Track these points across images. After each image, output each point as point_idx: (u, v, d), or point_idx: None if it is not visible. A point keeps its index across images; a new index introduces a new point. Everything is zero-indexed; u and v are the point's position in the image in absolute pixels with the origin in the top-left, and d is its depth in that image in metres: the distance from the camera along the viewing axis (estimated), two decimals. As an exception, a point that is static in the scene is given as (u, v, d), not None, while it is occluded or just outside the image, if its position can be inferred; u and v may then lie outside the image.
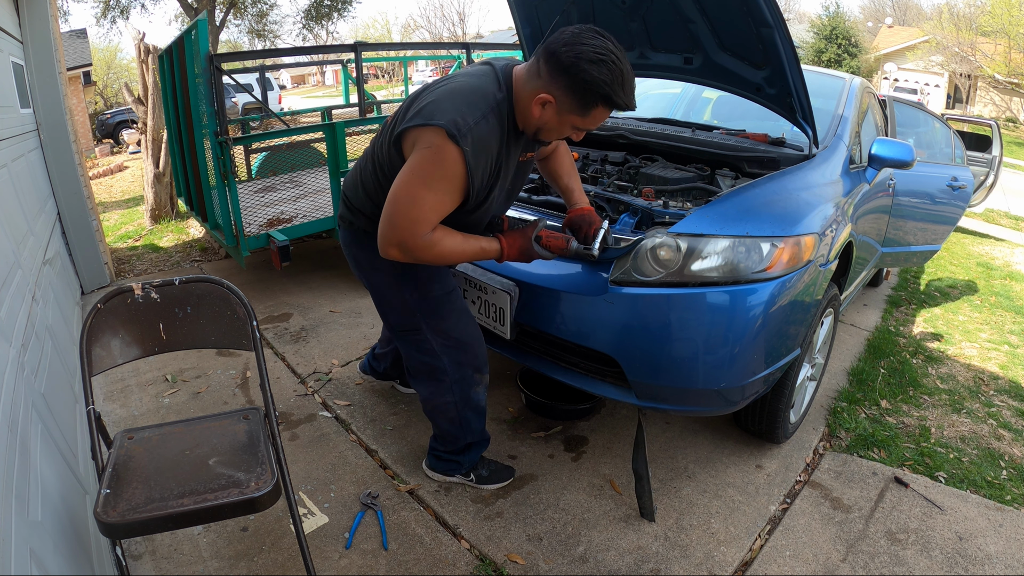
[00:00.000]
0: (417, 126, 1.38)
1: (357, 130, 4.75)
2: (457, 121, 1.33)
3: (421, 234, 1.40)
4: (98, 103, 19.41)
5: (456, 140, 1.32)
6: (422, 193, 1.37)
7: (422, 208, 1.38)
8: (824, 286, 1.97)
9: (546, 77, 1.37)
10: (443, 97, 1.39)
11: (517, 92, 1.44)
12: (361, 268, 1.73)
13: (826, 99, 2.61)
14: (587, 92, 1.35)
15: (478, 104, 1.38)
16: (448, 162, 1.35)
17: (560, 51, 1.34)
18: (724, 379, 1.72)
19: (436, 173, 1.36)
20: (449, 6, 67.58)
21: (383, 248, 1.44)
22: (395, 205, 1.39)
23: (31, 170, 3.15)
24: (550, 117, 1.42)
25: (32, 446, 1.44)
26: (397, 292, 1.70)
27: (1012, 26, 18.88)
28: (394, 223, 1.40)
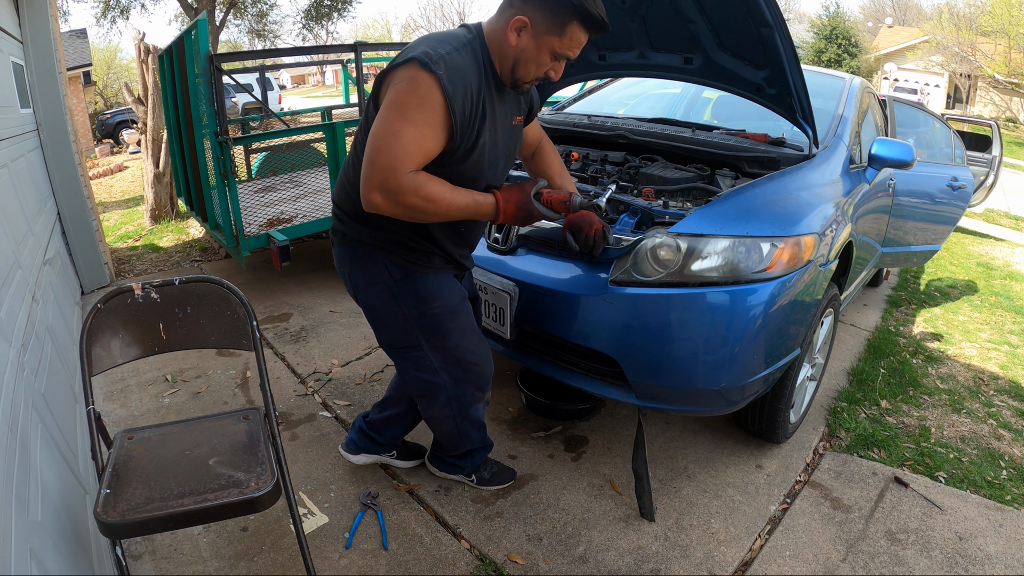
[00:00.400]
0: (391, 70, 1.34)
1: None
2: (428, 52, 1.30)
3: (404, 171, 1.30)
4: (98, 103, 19.41)
5: (429, 67, 1.27)
6: (400, 125, 1.28)
7: (401, 141, 1.28)
8: (824, 286, 1.97)
9: (518, 2, 1.36)
10: (414, 44, 1.36)
11: (490, 33, 1.41)
12: (357, 286, 1.63)
13: (826, 99, 2.61)
14: (561, 5, 1.32)
15: (448, 40, 1.36)
16: (423, 88, 1.28)
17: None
18: (724, 379, 1.72)
19: (412, 102, 1.28)
20: (449, 6, 67.49)
21: (365, 196, 1.33)
22: (374, 143, 1.30)
23: (31, 170, 3.15)
24: (527, 43, 1.37)
25: (32, 446, 1.44)
26: (395, 307, 1.59)
27: (1012, 26, 18.88)
28: (374, 162, 1.30)
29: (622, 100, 3.41)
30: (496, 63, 1.42)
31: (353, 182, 1.49)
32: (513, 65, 1.40)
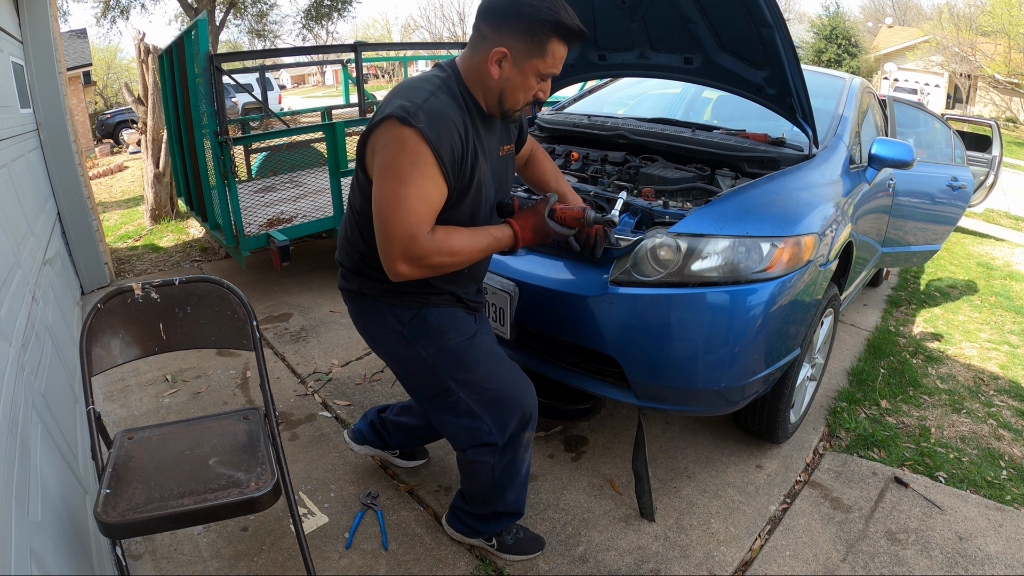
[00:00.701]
0: (370, 130, 1.30)
1: (357, 130, 4.75)
2: (403, 105, 1.25)
3: (422, 236, 1.26)
4: (98, 103, 19.41)
5: (408, 122, 1.23)
6: (402, 191, 1.24)
7: (408, 205, 1.25)
8: (824, 286, 1.97)
9: (491, 34, 1.31)
10: (389, 99, 1.32)
11: (466, 69, 1.36)
12: (374, 339, 1.56)
13: (826, 99, 2.61)
14: (536, 25, 1.27)
15: (421, 87, 1.31)
16: (409, 145, 1.24)
17: (495, 4, 1.29)
18: (724, 379, 1.72)
19: (404, 163, 1.24)
20: (449, 6, 67.56)
21: (391, 269, 1.29)
22: (381, 216, 1.27)
23: (31, 170, 3.15)
24: (510, 72, 1.32)
25: (32, 446, 1.44)
26: (412, 352, 1.49)
27: (1012, 26, 18.88)
28: (389, 234, 1.26)
29: (622, 100, 3.41)
30: (480, 98, 1.38)
31: (351, 240, 1.49)
32: (500, 97, 1.37)
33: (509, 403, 1.50)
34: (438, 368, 1.48)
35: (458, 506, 1.74)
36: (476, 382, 1.48)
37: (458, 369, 1.48)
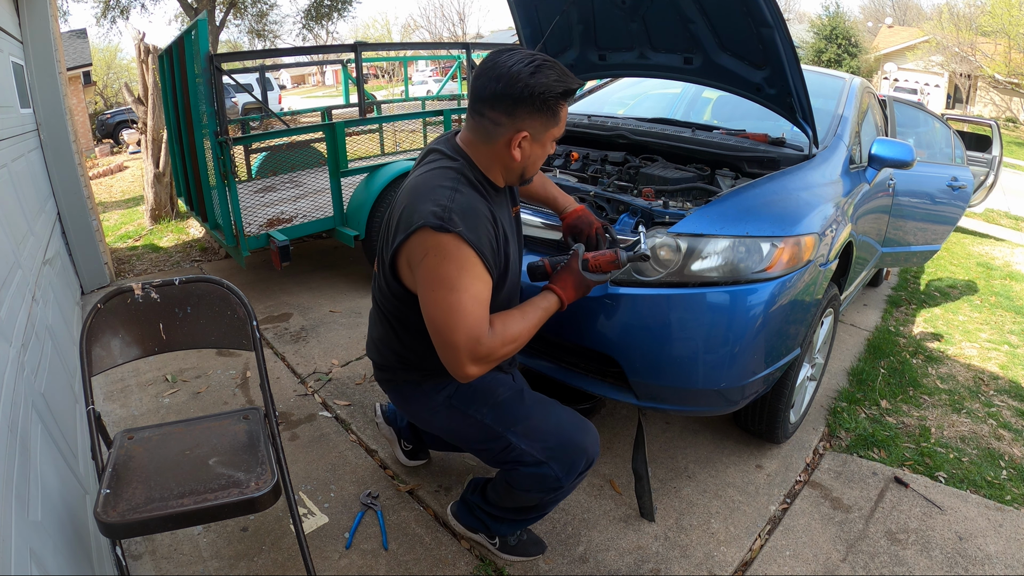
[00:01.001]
0: (403, 242, 1.28)
1: (357, 130, 4.75)
2: (434, 210, 1.22)
3: (484, 336, 1.24)
4: (98, 103, 19.41)
5: (445, 228, 1.21)
6: (454, 299, 1.22)
7: (465, 310, 1.22)
8: (824, 286, 1.97)
9: (506, 120, 1.29)
10: (410, 202, 1.29)
11: (482, 156, 1.36)
12: (426, 420, 1.57)
13: (826, 99, 2.61)
14: (550, 101, 1.29)
15: (441, 185, 1.29)
16: (452, 252, 1.22)
17: (500, 90, 1.26)
18: (724, 379, 1.72)
19: (450, 271, 1.22)
20: (449, 6, 67.59)
21: (460, 375, 1.26)
22: (439, 328, 1.24)
23: (31, 170, 3.15)
24: (531, 149, 1.34)
25: (32, 446, 1.44)
26: (466, 418, 1.49)
27: (1012, 26, 18.88)
28: (453, 344, 1.23)
29: (622, 100, 3.42)
30: (498, 178, 1.39)
31: (384, 339, 1.51)
32: (522, 172, 1.39)
33: (574, 447, 1.46)
34: (495, 425, 1.47)
35: (476, 503, 1.70)
36: (535, 428, 1.46)
37: (515, 420, 1.46)
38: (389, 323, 1.48)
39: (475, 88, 1.31)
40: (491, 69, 1.28)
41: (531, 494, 1.50)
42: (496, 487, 1.60)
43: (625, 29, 2.31)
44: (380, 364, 1.57)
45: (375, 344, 1.57)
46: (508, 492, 1.54)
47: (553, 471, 1.44)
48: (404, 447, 2.07)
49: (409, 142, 5.56)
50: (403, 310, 1.42)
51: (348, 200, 3.64)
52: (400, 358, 1.50)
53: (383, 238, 1.44)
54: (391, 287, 1.40)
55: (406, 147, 5.51)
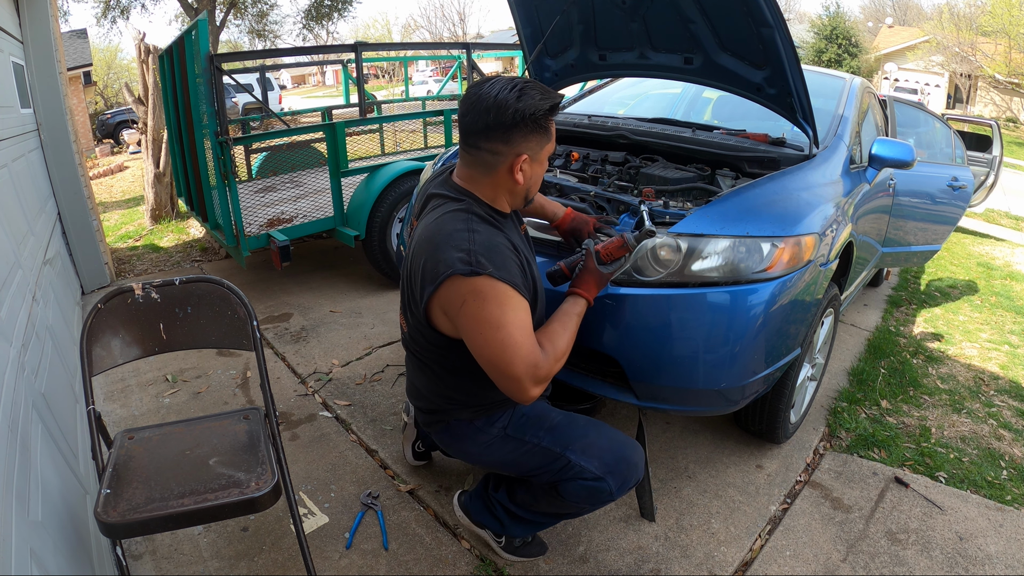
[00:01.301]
0: (433, 293, 1.28)
1: (357, 130, 4.75)
2: (459, 256, 1.24)
3: (539, 361, 1.27)
4: (98, 103, 19.40)
5: (476, 272, 1.22)
6: (502, 335, 1.23)
7: (516, 342, 1.24)
8: (824, 286, 1.97)
9: (503, 148, 1.31)
10: (430, 252, 1.29)
11: (484, 188, 1.37)
12: (477, 456, 1.57)
13: (826, 99, 2.61)
14: (540, 119, 1.31)
15: (456, 229, 1.29)
16: (489, 294, 1.23)
17: (492, 121, 1.28)
18: (725, 379, 1.72)
19: (492, 311, 1.23)
20: (449, 6, 67.60)
21: (525, 399, 1.28)
22: (495, 365, 1.26)
23: (31, 170, 3.15)
24: (532, 169, 1.37)
25: (32, 446, 1.44)
26: (523, 444, 1.50)
27: (1012, 26, 18.87)
28: (512, 376, 1.25)
29: (622, 100, 3.42)
30: (504, 205, 1.41)
31: (427, 385, 1.53)
32: (526, 193, 1.42)
33: (628, 464, 1.50)
34: (553, 446, 1.48)
35: (500, 501, 1.66)
36: (592, 445, 1.49)
37: (572, 439, 1.49)
38: (431, 369, 1.49)
39: (466, 124, 1.33)
40: (477, 103, 1.29)
41: (580, 505, 1.52)
42: (534, 491, 1.57)
43: (625, 29, 2.31)
44: (427, 408, 1.57)
45: (418, 391, 1.58)
46: (553, 499, 1.54)
47: (608, 486, 1.47)
48: (418, 448, 2.06)
49: (409, 142, 5.56)
50: (444, 355, 1.43)
51: (348, 200, 3.64)
52: (449, 399, 1.51)
53: (406, 291, 1.44)
54: (427, 337, 1.42)
55: (406, 147, 5.51)
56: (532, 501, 1.58)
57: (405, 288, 1.45)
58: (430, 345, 1.43)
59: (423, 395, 1.56)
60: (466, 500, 1.77)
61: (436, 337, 1.40)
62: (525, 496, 1.60)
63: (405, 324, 1.50)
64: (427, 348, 1.45)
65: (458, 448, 1.58)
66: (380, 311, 3.43)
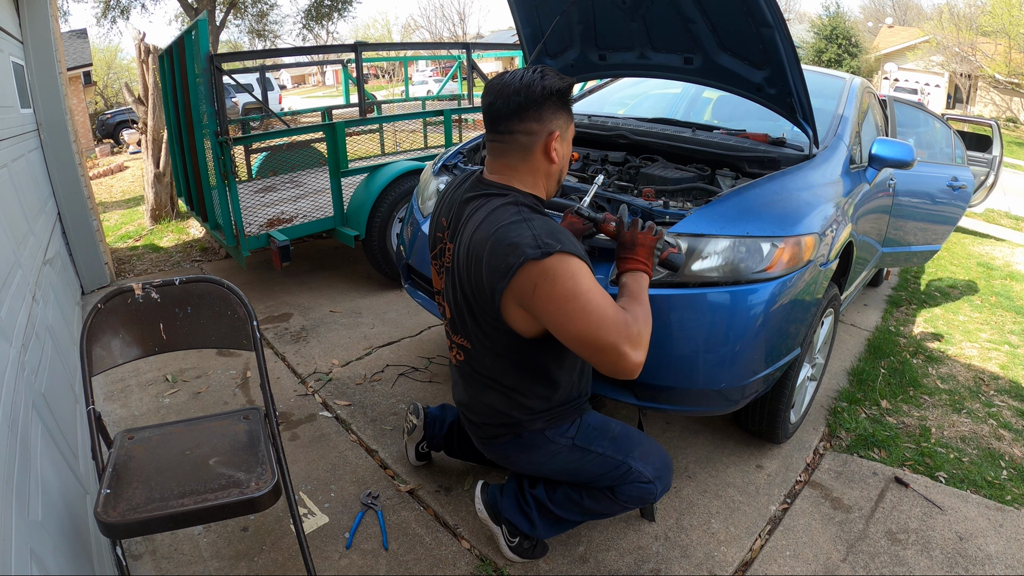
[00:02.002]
0: (506, 288, 1.27)
1: (357, 130, 4.74)
2: (526, 242, 1.24)
3: (625, 318, 1.25)
4: (98, 103, 19.40)
5: (547, 252, 1.22)
6: (584, 303, 1.22)
7: (601, 311, 1.23)
8: (825, 286, 1.97)
9: (536, 126, 1.34)
10: (490, 251, 1.29)
11: (524, 176, 1.39)
12: (543, 466, 1.57)
13: (826, 99, 2.61)
14: (566, 96, 1.37)
15: (510, 220, 1.29)
16: (560, 268, 1.23)
17: (524, 100, 1.32)
18: (724, 379, 1.72)
19: (567, 284, 1.22)
20: (449, 6, 67.61)
21: (630, 370, 1.25)
22: (586, 336, 1.23)
23: (31, 170, 3.15)
24: (562, 148, 1.40)
25: (32, 446, 1.44)
26: (589, 454, 1.53)
27: (1012, 26, 18.88)
28: (607, 344, 1.22)
29: (622, 100, 3.42)
30: (542, 191, 1.42)
31: (490, 402, 1.51)
32: (559, 176, 1.44)
33: (669, 468, 1.60)
34: (616, 455, 1.54)
35: (538, 498, 1.64)
36: (648, 452, 1.57)
37: (632, 447, 1.56)
38: (501, 383, 1.47)
39: (496, 110, 1.36)
40: (504, 88, 1.34)
41: (627, 504, 1.58)
42: (583, 490, 1.59)
43: (625, 29, 2.31)
44: (495, 423, 1.54)
45: (478, 410, 1.56)
46: (602, 499, 1.57)
47: (656, 488, 1.56)
48: (421, 449, 2.04)
49: (409, 142, 5.56)
50: (528, 356, 1.41)
51: (348, 200, 3.64)
52: (524, 409, 1.49)
53: (460, 305, 1.42)
54: (508, 341, 1.39)
55: (406, 147, 5.51)
56: (577, 499, 1.59)
57: (458, 302, 1.43)
58: (512, 351, 1.40)
59: (491, 413, 1.53)
60: (493, 495, 1.72)
61: (516, 341, 1.37)
62: (569, 494, 1.60)
63: (466, 342, 1.47)
64: (508, 356, 1.42)
65: (523, 458, 1.57)
66: (380, 311, 3.43)
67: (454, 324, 1.50)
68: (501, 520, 1.69)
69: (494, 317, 1.35)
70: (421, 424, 1.99)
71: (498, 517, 1.70)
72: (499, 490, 1.72)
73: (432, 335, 3.13)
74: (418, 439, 2.02)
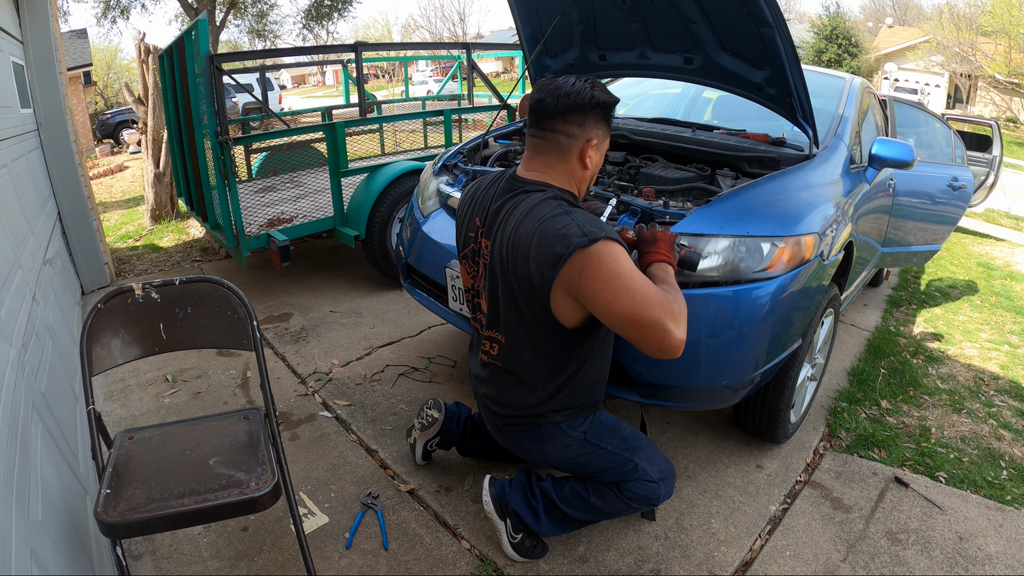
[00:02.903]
0: (556, 277, 1.32)
1: (357, 130, 4.74)
2: (573, 232, 1.30)
3: (666, 295, 1.31)
4: (98, 103, 19.40)
5: (593, 239, 1.28)
6: (627, 282, 1.28)
7: (643, 286, 1.29)
8: (825, 285, 1.97)
9: (577, 131, 1.41)
10: (537, 244, 1.34)
11: (556, 177, 1.44)
12: (554, 457, 1.61)
13: (826, 99, 2.61)
14: (609, 109, 1.44)
15: (553, 213, 1.35)
16: (603, 252, 1.29)
17: (572, 103, 1.38)
18: (726, 376, 1.72)
19: (611, 265, 1.28)
20: (449, 6, 67.62)
21: (675, 347, 1.29)
22: (631, 314, 1.28)
23: (31, 170, 3.15)
24: (596, 157, 1.46)
25: (32, 446, 1.44)
26: (599, 450, 1.57)
27: (1012, 26, 18.88)
28: (652, 320, 1.27)
29: (623, 100, 3.41)
30: (577, 193, 1.48)
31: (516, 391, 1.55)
32: (589, 182, 1.50)
33: (673, 475, 1.65)
34: (624, 452, 1.59)
35: (546, 492, 1.67)
36: (654, 455, 1.62)
37: (640, 447, 1.61)
38: (540, 374, 1.50)
39: (543, 108, 1.42)
40: (555, 89, 1.41)
41: (631, 503, 1.60)
42: (590, 486, 1.61)
43: (625, 29, 2.31)
44: (518, 415, 1.58)
45: (511, 403, 1.58)
46: (608, 496, 1.60)
47: (659, 490, 1.59)
48: (430, 446, 2.04)
49: (409, 142, 5.56)
50: (564, 348, 1.46)
51: (348, 200, 3.64)
52: (551, 404, 1.53)
53: (502, 297, 1.46)
54: (549, 330, 1.43)
55: (406, 147, 5.51)
56: (583, 495, 1.61)
57: (497, 296, 1.48)
58: (545, 340, 1.45)
59: (516, 406, 1.57)
60: (501, 488, 1.73)
61: (553, 330, 1.42)
62: (576, 489, 1.63)
63: (502, 336, 1.51)
64: (538, 348, 1.46)
65: (536, 448, 1.61)
66: (380, 311, 3.43)
67: (491, 319, 1.54)
68: (507, 513, 1.70)
69: (541, 307, 1.39)
70: (442, 418, 2.00)
71: (504, 511, 1.70)
72: (508, 483, 1.73)
73: (432, 335, 3.13)
74: (432, 435, 2.02)
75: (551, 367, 1.49)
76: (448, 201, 2.32)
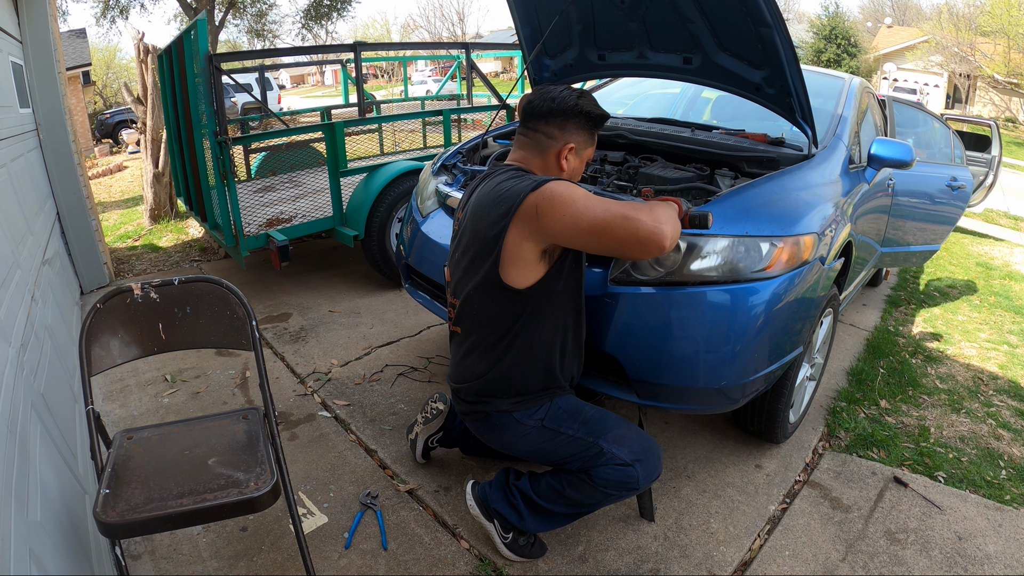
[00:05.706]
0: (515, 216, 1.42)
1: (356, 130, 4.74)
2: (525, 183, 1.43)
3: (624, 203, 1.39)
4: (97, 103, 19.39)
5: (544, 182, 1.42)
6: (583, 201, 1.38)
7: (600, 201, 1.39)
8: (825, 285, 1.97)
9: (558, 133, 1.53)
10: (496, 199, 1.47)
11: (532, 167, 1.56)
12: (514, 446, 1.62)
13: (825, 99, 2.61)
14: (593, 120, 1.55)
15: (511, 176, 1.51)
16: (555, 186, 1.40)
17: (555, 107, 1.52)
18: (725, 378, 1.72)
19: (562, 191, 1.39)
20: (449, 6, 67.61)
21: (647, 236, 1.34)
22: (600, 222, 1.36)
23: (30, 170, 3.15)
24: (574, 162, 1.57)
25: (31, 446, 1.44)
26: (558, 436, 1.56)
27: (1011, 26, 18.89)
28: (615, 216, 1.35)
29: (622, 100, 3.42)
30: None
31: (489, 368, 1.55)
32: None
33: (654, 455, 1.59)
34: (587, 436, 1.56)
35: (523, 490, 1.66)
36: (623, 436, 1.58)
37: (605, 430, 1.58)
38: (505, 347, 1.53)
39: (530, 107, 1.55)
40: (545, 93, 1.55)
41: (607, 491, 1.55)
42: (563, 479, 1.60)
43: (624, 29, 2.31)
44: (475, 391, 1.60)
45: (462, 371, 1.62)
46: (581, 485, 1.57)
47: (636, 472, 1.54)
48: (431, 443, 2.04)
49: (408, 142, 5.56)
50: (511, 305, 1.49)
51: (347, 200, 3.64)
52: (508, 383, 1.55)
53: (465, 262, 1.55)
54: (501, 294, 1.48)
55: (405, 147, 5.51)
56: (559, 488, 1.60)
57: (459, 261, 1.58)
58: (512, 302, 1.48)
59: (481, 382, 1.57)
60: (483, 489, 1.74)
61: (512, 293, 1.46)
62: (551, 483, 1.61)
63: (460, 301, 1.58)
64: (509, 311, 1.50)
65: (495, 437, 1.64)
66: (379, 311, 3.43)
67: (454, 287, 1.61)
68: (492, 514, 1.70)
69: (491, 263, 1.46)
70: (447, 411, 2.00)
71: (489, 512, 1.71)
72: (488, 485, 1.74)
73: (431, 335, 3.13)
74: (434, 430, 2.02)
75: (495, 327, 1.52)
76: (447, 201, 2.32)
